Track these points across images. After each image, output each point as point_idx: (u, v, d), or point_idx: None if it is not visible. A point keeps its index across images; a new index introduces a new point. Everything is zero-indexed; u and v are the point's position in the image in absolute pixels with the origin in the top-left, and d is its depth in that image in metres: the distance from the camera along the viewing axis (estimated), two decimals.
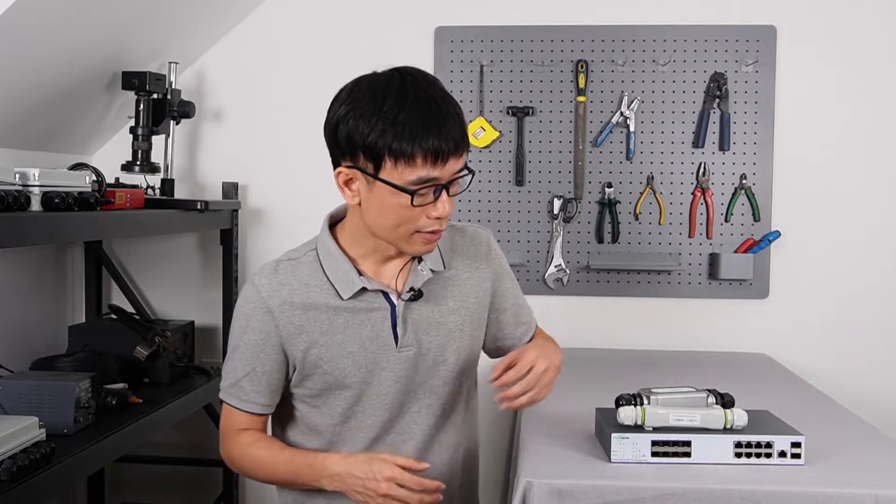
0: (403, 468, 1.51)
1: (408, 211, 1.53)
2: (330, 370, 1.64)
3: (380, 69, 1.64)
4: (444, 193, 1.53)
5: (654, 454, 1.52)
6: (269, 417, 1.72)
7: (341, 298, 1.62)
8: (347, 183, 1.58)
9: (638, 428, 1.55)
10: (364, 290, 1.62)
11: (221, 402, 1.70)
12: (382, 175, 1.52)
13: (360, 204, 1.58)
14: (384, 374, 1.64)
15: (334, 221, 1.71)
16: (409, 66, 1.60)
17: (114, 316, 2.62)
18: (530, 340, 1.78)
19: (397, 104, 1.52)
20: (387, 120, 1.50)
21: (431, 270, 1.66)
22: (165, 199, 2.68)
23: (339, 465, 1.56)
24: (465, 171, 1.56)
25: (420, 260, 1.66)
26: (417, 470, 1.52)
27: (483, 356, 1.78)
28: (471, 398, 1.76)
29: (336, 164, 1.59)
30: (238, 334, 1.65)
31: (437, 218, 1.54)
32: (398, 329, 1.64)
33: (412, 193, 1.51)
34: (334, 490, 1.57)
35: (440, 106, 1.53)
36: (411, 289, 1.64)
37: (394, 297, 1.64)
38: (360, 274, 1.63)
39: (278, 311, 1.62)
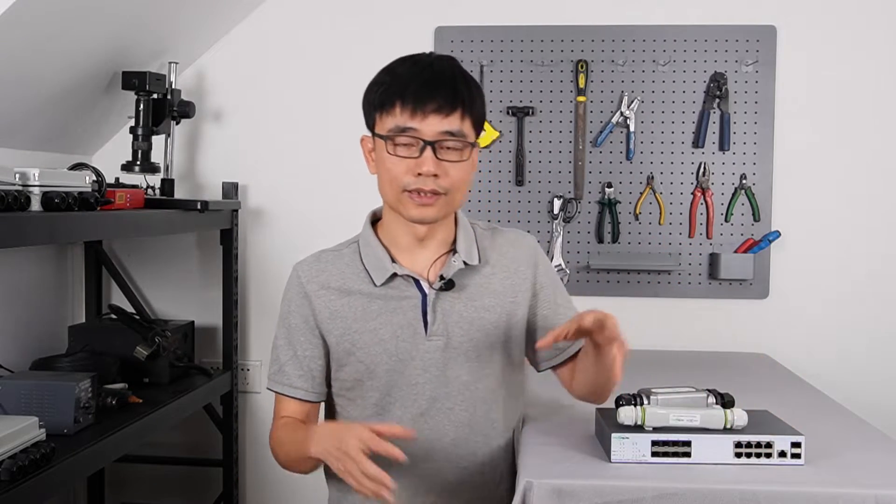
0: (379, 433, 1.47)
1: (394, 165, 1.60)
2: (363, 357, 1.68)
3: (379, 69, 1.70)
4: (428, 150, 1.58)
5: (654, 454, 1.52)
6: (318, 408, 1.76)
7: (375, 285, 1.67)
8: (371, 152, 1.67)
9: (638, 428, 1.55)
10: (395, 276, 1.67)
11: (271, 391, 1.75)
12: (376, 129, 1.63)
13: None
14: (414, 363, 1.68)
15: (376, 219, 1.77)
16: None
17: (114, 316, 2.62)
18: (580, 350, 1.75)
19: (398, 66, 1.63)
20: (384, 78, 1.63)
21: (465, 263, 1.68)
22: (165, 199, 2.68)
23: (323, 426, 1.60)
24: (456, 138, 1.59)
25: (454, 252, 1.69)
26: (397, 436, 1.48)
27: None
28: (512, 396, 1.76)
29: None
30: (281, 321, 1.74)
31: (419, 175, 1.58)
32: (428, 317, 1.67)
33: (386, 139, 1.60)
34: (317, 455, 1.54)
35: (438, 69, 1.61)
36: (441, 277, 1.67)
37: (426, 287, 1.68)
38: (394, 261, 1.68)
39: (315, 295, 1.69)
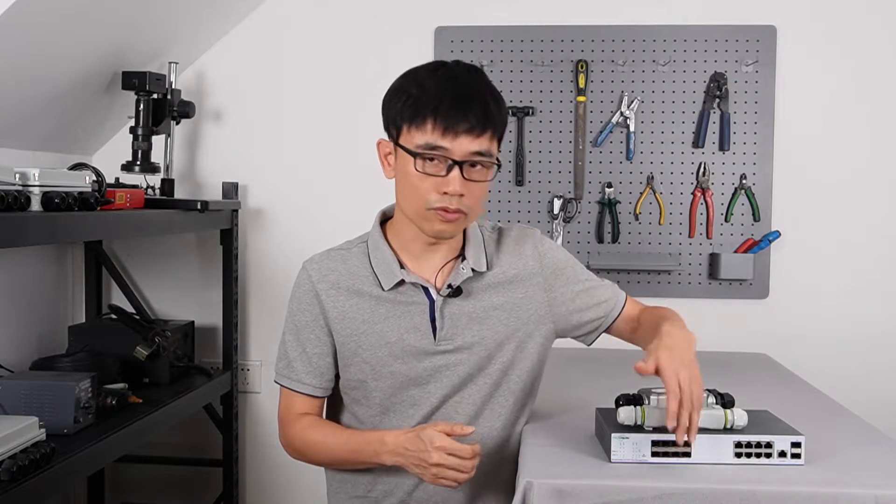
0: (448, 434, 1.55)
1: (419, 181, 1.58)
2: (368, 359, 1.69)
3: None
4: (455, 170, 1.57)
5: (654, 454, 1.52)
6: (325, 402, 1.78)
7: (383, 289, 1.68)
8: (387, 156, 1.66)
9: (638, 428, 1.54)
10: (403, 282, 1.67)
11: (279, 385, 1.77)
12: (401, 141, 1.60)
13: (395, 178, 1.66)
14: (422, 366, 1.69)
15: (385, 218, 1.76)
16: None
17: (114, 316, 2.62)
18: (622, 311, 1.77)
19: (428, 77, 1.60)
20: (412, 89, 1.59)
21: (473, 270, 1.69)
22: (165, 199, 2.68)
23: (395, 440, 1.61)
24: (485, 157, 1.60)
25: (463, 258, 1.70)
26: (462, 435, 1.55)
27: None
28: (523, 393, 1.76)
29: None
30: (290, 317, 1.74)
31: (445, 194, 1.58)
32: (437, 322, 1.68)
33: (415, 156, 1.57)
34: (394, 464, 1.62)
35: (469, 86, 1.60)
36: (449, 285, 1.68)
37: (433, 293, 1.68)
38: (402, 267, 1.68)
39: (325, 294, 1.70)
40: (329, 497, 1.84)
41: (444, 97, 1.57)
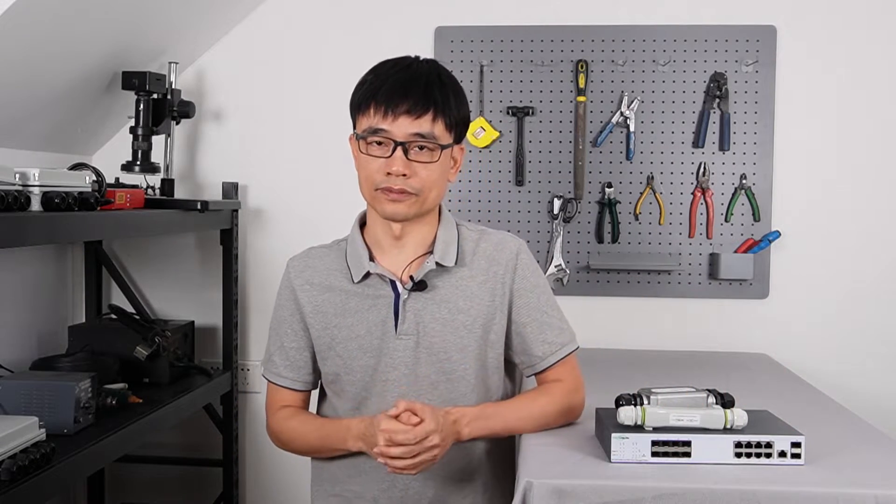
0: (397, 417, 1.57)
1: (367, 163, 1.65)
2: (341, 352, 1.73)
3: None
4: (398, 150, 1.62)
5: (654, 454, 1.52)
6: (308, 396, 1.84)
7: (353, 282, 1.72)
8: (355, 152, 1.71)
9: (638, 428, 1.54)
10: (370, 274, 1.71)
11: (265, 378, 1.84)
12: (356, 129, 1.68)
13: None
14: (386, 360, 1.71)
15: (364, 221, 1.80)
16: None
17: (114, 316, 2.62)
18: (555, 364, 1.75)
19: (381, 66, 1.69)
20: (365, 79, 1.68)
21: (437, 264, 1.70)
22: (165, 199, 2.68)
23: (357, 426, 1.67)
24: (427, 140, 1.63)
25: (431, 253, 1.72)
26: (396, 416, 1.56)
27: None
28: (488, 400, 1.76)
29: None
30: (273, 314, 1.81)
31: (388, 174, 1.62)
32: (399, 316, 1.70)
33: (359, 138, 1.65)
34: (357, 449, 1.67)
35: (415, 73, 1.65)
36: (410, 277, 1.70)
37: (399, 287, 1.71)
38: (372, 260, 1.72)
39: (300, 289, 1.76)
40: (312, 493, 1.86)
41: (386, 82, 1.63)
